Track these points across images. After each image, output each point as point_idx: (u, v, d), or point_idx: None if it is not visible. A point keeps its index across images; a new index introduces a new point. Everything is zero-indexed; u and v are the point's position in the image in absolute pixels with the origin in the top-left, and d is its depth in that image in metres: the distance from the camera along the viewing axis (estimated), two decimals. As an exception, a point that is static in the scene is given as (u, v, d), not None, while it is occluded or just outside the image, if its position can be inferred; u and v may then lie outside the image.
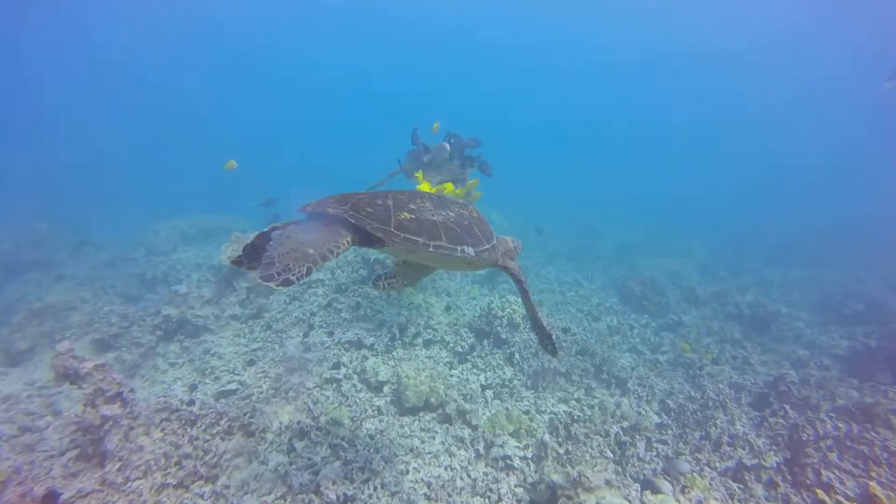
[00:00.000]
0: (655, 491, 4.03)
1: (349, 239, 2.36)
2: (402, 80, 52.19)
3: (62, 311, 8.05)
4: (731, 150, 49.71)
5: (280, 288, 1.99)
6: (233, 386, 5.83)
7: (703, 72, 41.54)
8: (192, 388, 5.97)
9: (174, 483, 3.64)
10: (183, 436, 4.07)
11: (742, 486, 4.45)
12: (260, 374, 6.06)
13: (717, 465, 4.67)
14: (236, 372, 6.18)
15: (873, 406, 5.29)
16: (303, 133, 55.52)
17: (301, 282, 2.06)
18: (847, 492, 4.15)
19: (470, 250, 2.66)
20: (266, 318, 7.24)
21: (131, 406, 4.11)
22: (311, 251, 2.13)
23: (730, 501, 4.23)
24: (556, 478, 3.94)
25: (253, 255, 2.64)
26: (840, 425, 4.80)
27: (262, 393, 5.63)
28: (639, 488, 4.08)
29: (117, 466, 3.82)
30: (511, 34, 43.17)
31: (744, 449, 4.82)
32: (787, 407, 5.25)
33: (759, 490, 4.42)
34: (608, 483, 3.76)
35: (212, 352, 6.64)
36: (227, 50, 44.09)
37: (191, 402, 4.70)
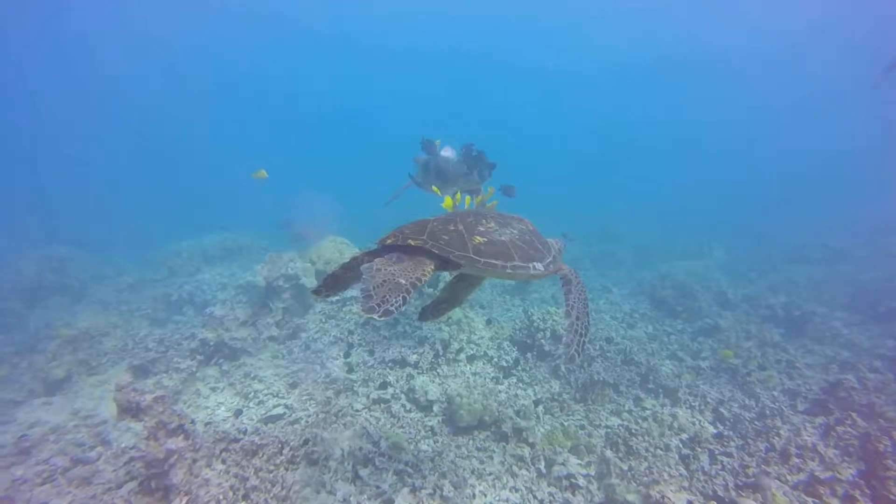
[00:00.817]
0: (737, 509, 3.90)
1: (432, 267, 2.46)
2: (412, 99, 52.86)
3: (95, 337, 8.01)
4: (743, 150, 49.44)
5: (381, 318, 2.06)
6: (279, 410, 5.75)
7: (715, 72, 41.31)
8: (238, 413, 5.89)
9: (247, 518, 3.55)
10: (247, 467, 3.98)
11: (817, 501, 4.31)
12: (305, 397, 5.98)
13: (788, 478, 4.54)
14: (280, 395, 6.11)
15: (942, 411, 5.15)
16: (317, 156, 55.96)
17: (399, 311, 2.12)
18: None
19: (539, 266, 2.74)
20: (303, 339, 7.17)
21: (193, 438, 4.03)
22: (403, 281, 2.23)
23: (807, 517, 4.10)
24: (632, 498, 3.83)
25: (332, 284, 2.75)
26: (915, 433, 4.66)
27: (309, 416, 5.55)
28: (718, 507, 3.95)
29: (185, 501, 3.74)
30: (514, 44, 43.22)
31: (813, 461, 4.68)
32: (854, 415, 5.11)
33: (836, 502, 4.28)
34: (692, 504, 3.65)
35: (252, 375, 6.57)
36: (228, 71, 44.39)
37: (249, 431, 4.61)
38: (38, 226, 17.74)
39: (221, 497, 3.70)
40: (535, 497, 4.31)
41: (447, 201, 6.96)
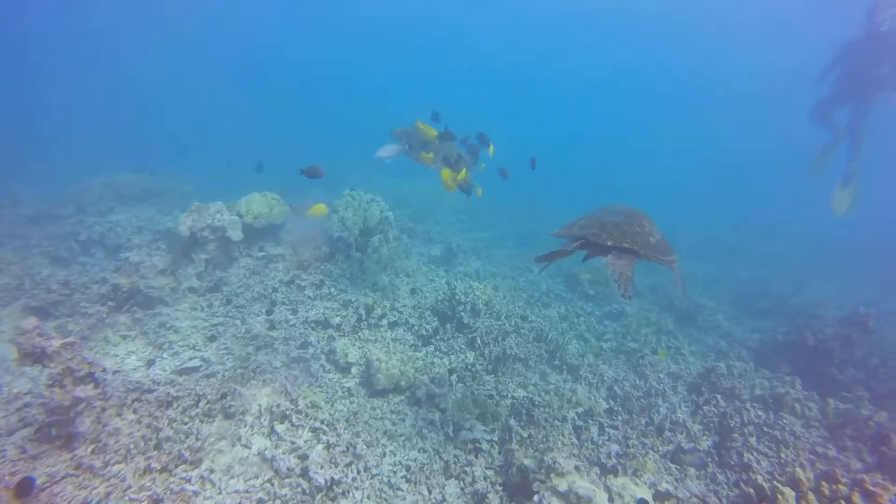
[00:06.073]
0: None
1: (635, 260, 3.23)
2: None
3: (-15, 272, 7.37)
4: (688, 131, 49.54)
5: (629, 300, 3.05)
6: (195, 363, 5.69)
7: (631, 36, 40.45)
8: (150, 363, 5.75)
9: (158, 467, 3.59)
10: (161, 418, 3.99)
11: (679, 467, 5.04)
12: (223, 351, 5.95)
13: (660, 448, 5.24)
14: (197, 348, 6.02)
15: (784, 396, 6.13)
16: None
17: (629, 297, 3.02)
18: (762, 471, 4.84)
19: (676, 258, 3.46)
20: (225, 292, 7.04)
21: (103, 387, 3.96)
22: (629, 273, 3.07)
23: (669, 480, 4.79)
24: (528, 462, 4.29)
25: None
26: (760, 413, 5.54)
27: (226, 371, 5.55)
28: (598, 471, 4.51)
29: (90, 449, 3.70)
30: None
31: (682, 434, 5.43)
32: (719, 396, 5.95)
33: (692, 470, 5.03)
34: (577, 469, 4.15)
35: (168, 325, 6.39)
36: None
37: (163, 382, 4.57)
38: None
39: (132, 446, 3.71)
40: (440, 458, 4.67)
41: (447, 177, 6.95)
